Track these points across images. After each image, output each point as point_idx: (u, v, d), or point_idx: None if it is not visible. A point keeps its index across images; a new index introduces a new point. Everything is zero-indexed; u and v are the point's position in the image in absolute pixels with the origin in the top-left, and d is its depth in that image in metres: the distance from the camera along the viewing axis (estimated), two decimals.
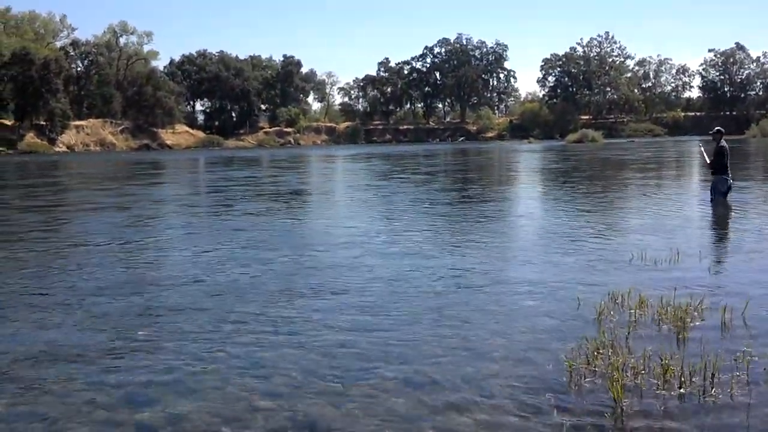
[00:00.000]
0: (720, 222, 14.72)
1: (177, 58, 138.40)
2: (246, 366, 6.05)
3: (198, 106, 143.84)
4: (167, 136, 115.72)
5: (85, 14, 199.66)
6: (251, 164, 51.95)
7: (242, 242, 12.82)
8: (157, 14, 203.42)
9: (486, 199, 21.18)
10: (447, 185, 27.34)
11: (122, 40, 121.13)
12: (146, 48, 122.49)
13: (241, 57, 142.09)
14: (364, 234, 13.61)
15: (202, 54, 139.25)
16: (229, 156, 72.04)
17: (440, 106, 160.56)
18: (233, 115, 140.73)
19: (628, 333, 6.62)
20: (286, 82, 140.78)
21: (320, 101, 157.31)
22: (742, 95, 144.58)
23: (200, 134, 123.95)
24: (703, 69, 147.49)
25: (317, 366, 5.98)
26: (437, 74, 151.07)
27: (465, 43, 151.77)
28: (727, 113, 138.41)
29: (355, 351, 6.37)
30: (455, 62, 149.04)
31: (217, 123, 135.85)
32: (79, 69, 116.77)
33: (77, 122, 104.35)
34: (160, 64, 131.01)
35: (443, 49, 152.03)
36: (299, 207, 20.83)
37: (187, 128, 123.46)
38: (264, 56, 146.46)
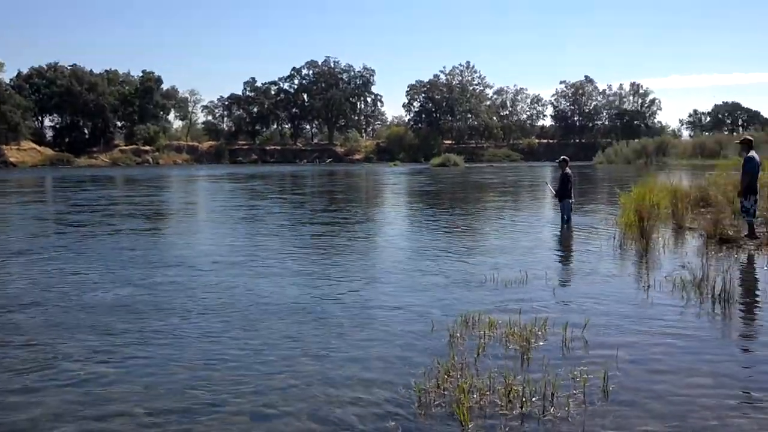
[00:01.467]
0: (566, 244, 15.59)
1: (25, 70, 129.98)
2: (86, 400, 5.86)
3: (47, 122, 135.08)
4: (11, 153, 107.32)
5: None
6: (109, 184, 49.98)
7: (110, 263, 12.80)
8: (5, 24, 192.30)
9: (353, 221, 21.40)
10: (316, 207, 27.40)
11: None
12: None
13: (96, 71, 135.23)
14: (231, 254, 13.80)
15: (53, 67, 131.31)
16: (83, 175, 67.96)
17: (308, 127, 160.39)
18: (86, 131, 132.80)
19: (477, 354, 6.87)
20: (144, 98, 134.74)
21: (182, 119, 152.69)
22: (590, 124, 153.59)
23: (49, 151, 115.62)
24: (555, 99, 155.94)
25: (165, 401, 5.86)
26: (305, 96, 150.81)
27: (333, 66, 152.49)
28: (577, 141, 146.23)
29: (206, 382, 6.30)
30: (323, 84, 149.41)
31: (67, 140, 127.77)
32: None
33: None
34: (6, 76, 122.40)
35: (311, 71, 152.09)
36: (162, 228, 20.52)
37: (34, 145, 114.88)
38: (122, 71, 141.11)
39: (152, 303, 9.41)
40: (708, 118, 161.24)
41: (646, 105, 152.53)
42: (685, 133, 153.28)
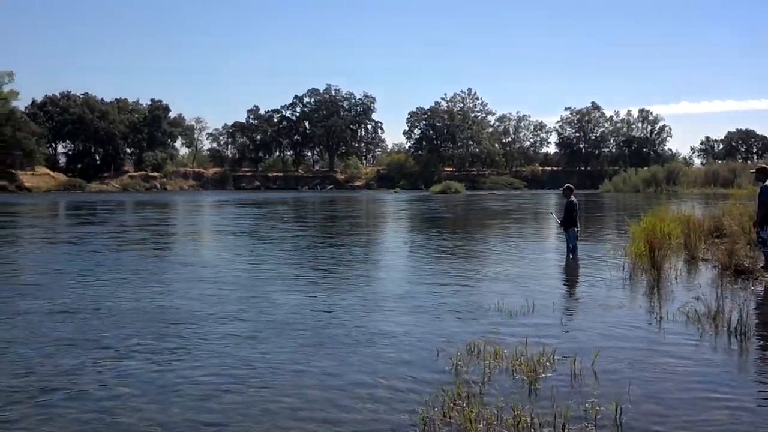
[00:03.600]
0: (572, 274, 15.18)
1: (39, 98, 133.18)
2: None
3: (60, 149, 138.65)
4: (26, 178, 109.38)
5: None
6: (137, 208, 50.07)
7: (154, 277, 14.34)
8: (20, 54, 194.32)
9: (359, 246, 21.34)
10: (325, 232, 27.50)
11: None
12: (6, 87, 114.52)
13: (107, 100, 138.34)
14: (245, 273, 14.27)
15: (66, 95, 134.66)
16: (104, 200, 68.58)
17: (309, 154, 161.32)
18: (97, 158, 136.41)
19: (483, 384, 6.69)
20: (153, 126, 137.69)
21: (188, 146, 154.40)
22: (597, 152, 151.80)
23: (62, 177, 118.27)
24: (560, 126, 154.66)
25: (176, 421, 5.89)
26: (306, 123, 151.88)
27: (334, 93, 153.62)
28: (583, 169, 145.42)
29: (216, 403, 6.27)
30: (324, 112, 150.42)
31: (79, 166, 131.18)
32: None
33: None
34: (21, 104, 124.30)
35: (313, 99, 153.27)
36: (198, 248, 21.62)
37: (47, 170, 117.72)
38: (131, 99, 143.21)
39: (177, 314, 10.27)
40: (720, 146, 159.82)
41: (655, 132, 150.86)
42: (697, 161, 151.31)
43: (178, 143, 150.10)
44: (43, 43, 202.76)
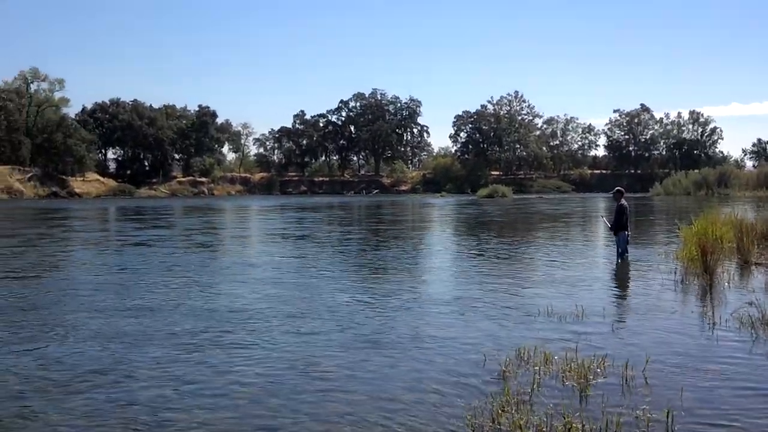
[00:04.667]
0: (623, 278, 15.02)
1: (89, 105, 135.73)
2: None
3: (110, 155, 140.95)
4: (77, 184, 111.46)
5: None
6: (195, 213, 50.96)
7: (223, 277, 15.11)
8: (70, 61, 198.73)
9: (405, 249, 21.39)
10: (373, 237, 27.60)
11: (33, 87, 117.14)
12: (57, 95, 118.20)
13: (156, 106, 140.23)
14: (297, 277, 14.24)
15: (115, 102, 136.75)
16: (153, 205, 69.50)
17: (355, 158, 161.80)
18: (146, 163, 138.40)
19: (532, 390, 6.66)
20: (200, 132, 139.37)
21: (235, 152, 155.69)
22: (646, 155, 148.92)
23: (111, 183, 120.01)
24: (609, 128, 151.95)
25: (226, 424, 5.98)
26: (352, 128, 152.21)
27: (380, 98, 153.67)
28: (632, 171, 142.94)
29: (263, 405, 6.38)
30: (370, 116, 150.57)
31: (129, 171, 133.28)
32: None
33: None
34: (72, 111, 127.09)
35: (358, 104, 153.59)
36: (258, 251, 21.92)
37: (97, 176, 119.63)
38: (179, 106, 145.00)
39: (243, 313, 10.84)
40: None
41: (706, 134, 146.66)
42: (749, 164, 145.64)
43: (225, 149, 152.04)
44: (92, 51, 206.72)
